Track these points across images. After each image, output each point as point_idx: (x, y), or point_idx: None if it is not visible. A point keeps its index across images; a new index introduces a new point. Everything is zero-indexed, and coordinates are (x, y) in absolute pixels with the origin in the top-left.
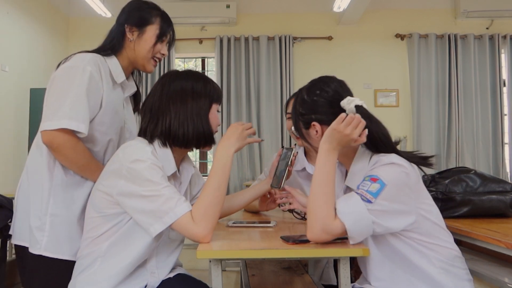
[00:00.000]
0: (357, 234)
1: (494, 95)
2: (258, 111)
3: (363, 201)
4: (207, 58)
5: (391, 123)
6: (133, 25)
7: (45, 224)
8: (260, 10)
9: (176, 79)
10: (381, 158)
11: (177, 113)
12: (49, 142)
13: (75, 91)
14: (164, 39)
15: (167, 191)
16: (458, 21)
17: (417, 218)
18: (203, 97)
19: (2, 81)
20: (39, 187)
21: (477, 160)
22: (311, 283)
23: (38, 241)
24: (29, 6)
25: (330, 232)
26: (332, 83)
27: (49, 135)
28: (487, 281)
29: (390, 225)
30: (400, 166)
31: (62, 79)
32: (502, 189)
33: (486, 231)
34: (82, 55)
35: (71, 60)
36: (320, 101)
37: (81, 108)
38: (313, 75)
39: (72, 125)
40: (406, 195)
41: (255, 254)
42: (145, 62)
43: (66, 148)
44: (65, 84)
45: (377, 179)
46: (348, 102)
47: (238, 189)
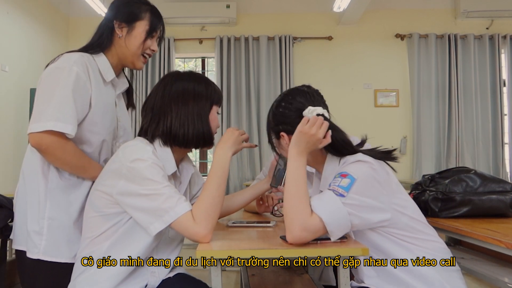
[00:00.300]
0: (336, 228)
1: (494, 95)
2: (258, 111)
3: (336, 195)
4: (207, 58)
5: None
6: (122, 21)
7: (43, 228)
8: (260, 10)
9: (178, 80)
10: (348, 158)
11: (178, 113)
12: (37, 144)
13: (61, 92)
14: (154, 34)
15: (167, 190)
16: (458, 21)
17: (393, 214)
18: (204, 98)
19: (2, 81)
20: (35, 191)
21: (477, 160)
22: (311, 283)
23: (37, 245)
24: (29, 6)
25: (308, 229)
26: (298, 95)
27: (36, 137)
28: (487, 281)
29: (366, 216)
30: (366, 162)
31: (48, 80)
32: (502, 189)
33: (486, 231)
34: (68, 55)
35: (57, 61)
36: (286, 112)
37: (67, 109)
38: (313, 75)
39: (58, 126)
40: (376, 189)
41: (255, 254)
42: (134, 59)
43: (55, 149)
44: (51, 86)
45: (347, 174)
46: (309, 111)
47: (238, 189)
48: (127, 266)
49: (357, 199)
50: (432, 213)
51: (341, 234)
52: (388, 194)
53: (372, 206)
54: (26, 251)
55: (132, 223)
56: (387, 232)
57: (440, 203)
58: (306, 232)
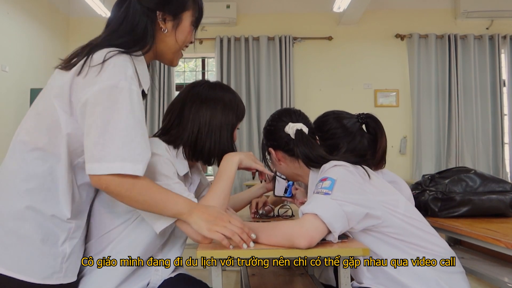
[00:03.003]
0: (332, 218)
1: (494, 95)
2: (258, 111)
3: (322, 195)
4: (207, 58)
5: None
6: (170, 12)
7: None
8: (260, 10)
9: (210, 89)
10: (325, 166)
11: (206, 123)
12: (99, 186)
13: (125, 122)
14: (197, 25)
15: (177, 187)
16: (458, 21)
17: (383, 212)
18: (231, 112)
19: (2, 81)
20: None
21: (477, 160)
22: (311, 283)
23: None
24: (29, 6)
25: (307, 227)
26: (283, 115)
27: (100, 180)
28: (487, 281)
29: (356, 209)
30: (342, 165)
31: (106, 104)
32: (502, 189)
33: (486, 231)
34: (119, 62)
35: (107, 74)
36: (272, 129)
37: (135, 144)
38: (313, 75)
39: (127, 168)
40: (358, 187)
41: (255, 254)
42: (174, 56)
43: (122, 191)
44: (110, 112)
45: (326, 178)
46: (289, 127)
47: (238, 189)
48: (127, 266)
49: (341, 196)
50: (432, 213)
51: (341, 226)
52: (373, 192)
53: (357, 201)
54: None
55: (140, 221)
56: (379, 231)
57: (440, 203)
58: (304, 229)
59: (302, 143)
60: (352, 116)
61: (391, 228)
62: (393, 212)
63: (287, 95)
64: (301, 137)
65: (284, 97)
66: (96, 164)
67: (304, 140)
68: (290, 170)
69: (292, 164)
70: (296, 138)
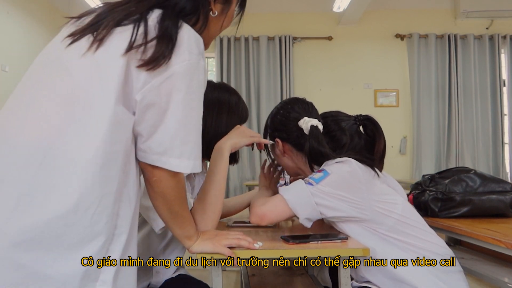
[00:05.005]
0: (297, 205)
1: (494, 95)
2: (258, 111)
3: (304, 183)
4: (207, 58)
5: (391, 123)
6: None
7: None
8: (260, 10)
9: (214, 90)
10: (328, 162)
11: (212, 124)
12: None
13: (198, 111)
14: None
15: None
16: (458, 21)
17: (375, 213)
18: (236, 114)
19: (2, 81)
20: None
21: (477, 160)
22: (311, 283)
23: None
24: (29, 6)
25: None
26: (296, 105)
27: (165, 175)
28: (487, 281)
29: (336, 204)
30: (345, 162)
31: (189, 91)
32: (502, 189)
33: (486, 231)
34: (194, 37)
35: (188, 43)
36: (283, 120)
37: (200, 139)
38: (313, 75)
39: (197, 166)
40: (352, 185)
41: (255, 254)
42: (210, 42)
43: (169, 188)
44: (191, 101)
45: (322, 170)
46: (304, 122)
47: (238, 189)
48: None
49: (325, 190)
50: (432, 213)
51: (306, 215)
52: (369, 192)
53: (342, 196)
54: None
55: (140, 222)
56: (374, 229)
57: (440, 203)
58: (264, 207)
59: (316, 141)
60: (350, 118)
61: (387, 226)
62: (385, 216)
63: (287, 95)
64: (315, 134)
65: (284, 97)
66: (173, 159)
67: (319, 138)
68: (294, 164)
69: (297, 158)
70: (310, 134)
